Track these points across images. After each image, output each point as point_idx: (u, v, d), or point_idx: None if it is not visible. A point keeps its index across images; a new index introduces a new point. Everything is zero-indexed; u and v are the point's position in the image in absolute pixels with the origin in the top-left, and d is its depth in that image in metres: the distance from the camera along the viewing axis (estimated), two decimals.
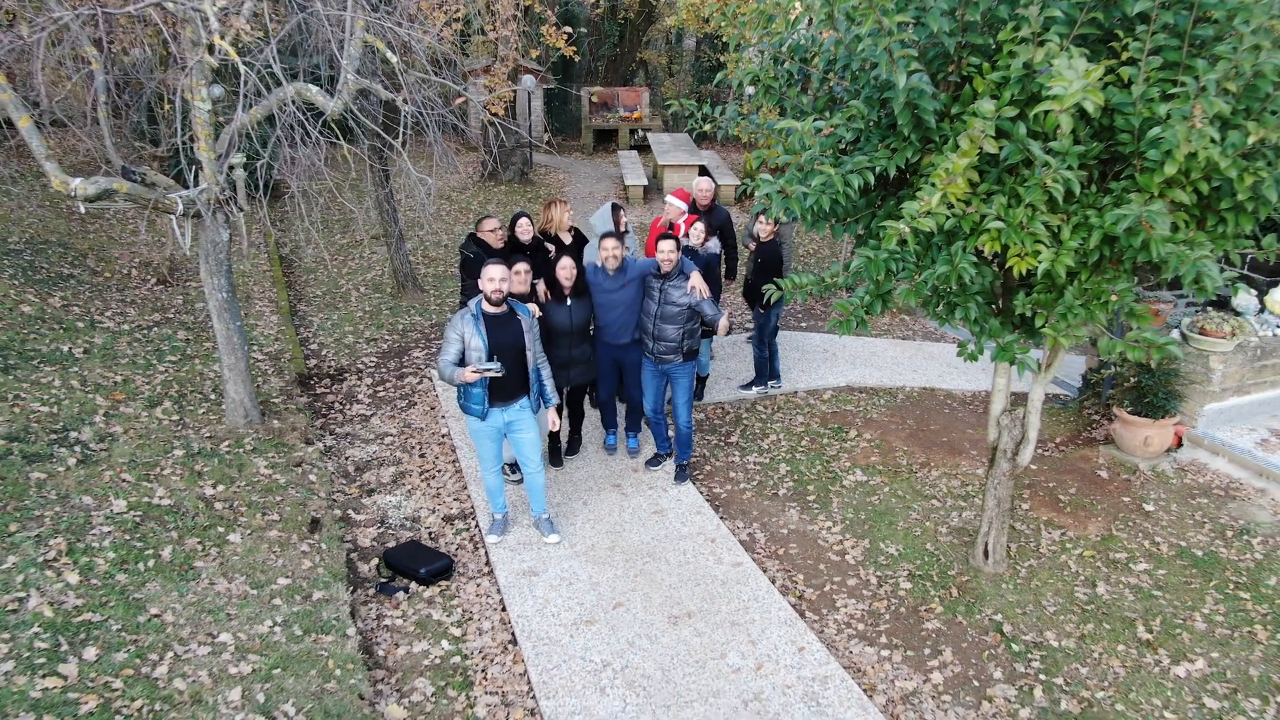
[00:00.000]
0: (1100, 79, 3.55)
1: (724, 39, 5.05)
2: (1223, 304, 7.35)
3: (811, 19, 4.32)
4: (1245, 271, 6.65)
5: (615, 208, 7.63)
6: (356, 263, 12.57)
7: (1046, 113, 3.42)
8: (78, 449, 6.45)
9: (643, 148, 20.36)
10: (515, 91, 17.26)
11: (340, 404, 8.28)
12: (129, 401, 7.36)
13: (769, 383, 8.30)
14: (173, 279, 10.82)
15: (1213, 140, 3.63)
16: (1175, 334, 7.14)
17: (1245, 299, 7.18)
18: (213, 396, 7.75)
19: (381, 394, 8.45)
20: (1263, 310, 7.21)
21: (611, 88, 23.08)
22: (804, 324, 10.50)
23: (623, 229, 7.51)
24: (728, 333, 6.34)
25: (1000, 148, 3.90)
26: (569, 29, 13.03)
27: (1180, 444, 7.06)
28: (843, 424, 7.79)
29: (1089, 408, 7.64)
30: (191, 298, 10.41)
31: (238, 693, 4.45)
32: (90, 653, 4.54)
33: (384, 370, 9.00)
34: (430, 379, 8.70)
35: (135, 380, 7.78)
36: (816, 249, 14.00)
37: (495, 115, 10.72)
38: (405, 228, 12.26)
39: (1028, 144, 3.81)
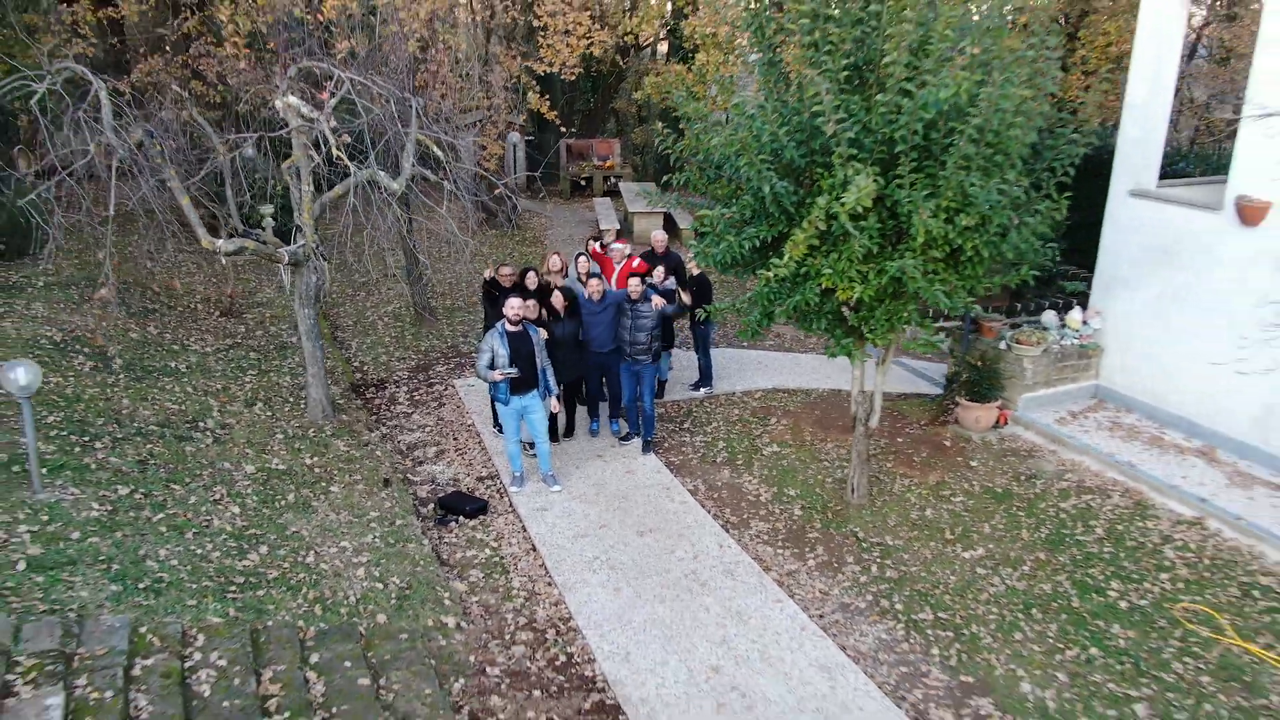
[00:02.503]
0: (875, 191, 6.22)
1: (674, 155, 7.64)
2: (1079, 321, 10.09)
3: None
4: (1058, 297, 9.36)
5: (579, 255, 10.21)
6: (377, 298, 15.09)
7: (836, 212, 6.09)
8: (209, 433, 8.93)
9: (615, 193, 23.06)
10: (503, 147, 19.96)
11: (386, 405, 10.80)
12: (232, 402, 9.84)
13: (702, 388, 10.93)
14: (233, 312, 13.29)
15: (945, 223, 6.36)
16: (1003, 344, 9.87)
17: (1050, 317, 9.96)
18: (291, 399, 10.24)
19: (417, 398, 10.99)
20: (1063, 326, 9.97)
21: (586, 139, 25.83)
22: (745, 344, 13.16)
23: (591, 269, 10.05)
24: (671, 308, 9.22)
25: (829, 226, 6.58)
26: (548, 97, 15.89)
27: (1005, 422, 9.76)
28: (767, 414, 10.43)
29: (947, 399, 10.32)
30: (251, 326, 12.88)
31: (362, 571, 6.97)
32: (263, 549, 7.04)
33: (416, 381, 11.54)
34: (454, 386, 11.25)
35: (231, 387, 10.26)
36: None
37: (489, 170, 13.39)
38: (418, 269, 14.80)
39: (845, 224, 6.49)
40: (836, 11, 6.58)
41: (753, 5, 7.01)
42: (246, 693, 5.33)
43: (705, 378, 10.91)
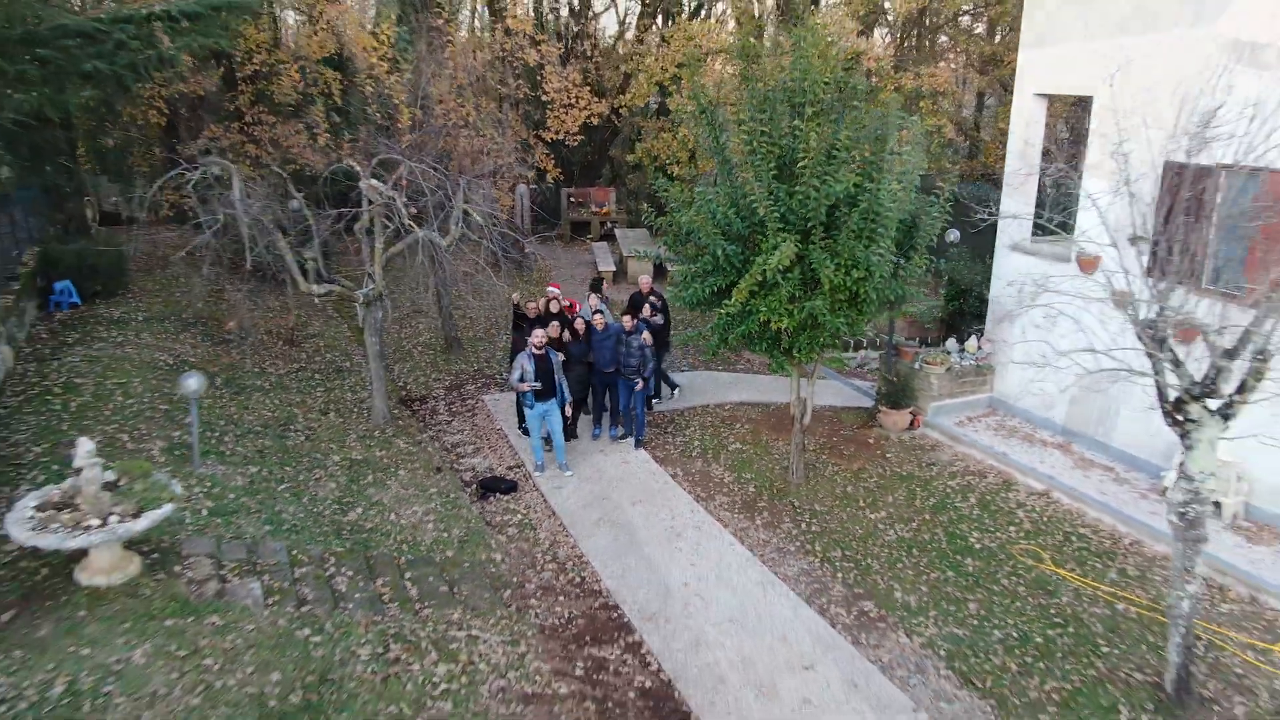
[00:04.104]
0: (795, 253, 8.98)
1: (655, 227, 10.41)
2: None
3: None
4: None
5: (596, 294, 13.01)
6: (410, 330, 17.82)
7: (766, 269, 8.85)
8: (299, 433, 11.61)
9: (610, 237, 25.89)
10: (513, 199, 22.87)
11: (429, 415, 13.50)
12: (310, 412, 12.53)
13: (674, 391, 13.67)
14: (294, 341, 15.98)
15: (844, 275, 9.14)
16: (917, 365, 12.62)
17: (952, 343, 12.73)
18: (355, 410, 12.93)
19: (454, 409, 13.69)
20: (962, 350, 12.74)
21: (585, 188, 28.73)
22: (720, 366, 15.90)
23: (599, 307, 12.86)
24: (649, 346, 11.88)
25: (765, 277, 9.33)
26: (552, 155, 18.88)
27: (918, 425, 12.48)
28: (734, 421, 13.14)
29: (874, 408, 13.04)
30: (310, 354, 15.56)
31: (431, 526, 9.63)
32: (358, 510, 9.70)
33: (451, 397, 14.25)
34: (484, 400, 13.96)
35: (307, 400, 12.95)
36: None
37: (502, 219, 16.23)
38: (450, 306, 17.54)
39: (775, 276, 9.24)
40: (768, 128, 9.41)
41: (707, 123, 9.85)
42: (369, 590, 7.99)
43: (656, 391, 13.55)
